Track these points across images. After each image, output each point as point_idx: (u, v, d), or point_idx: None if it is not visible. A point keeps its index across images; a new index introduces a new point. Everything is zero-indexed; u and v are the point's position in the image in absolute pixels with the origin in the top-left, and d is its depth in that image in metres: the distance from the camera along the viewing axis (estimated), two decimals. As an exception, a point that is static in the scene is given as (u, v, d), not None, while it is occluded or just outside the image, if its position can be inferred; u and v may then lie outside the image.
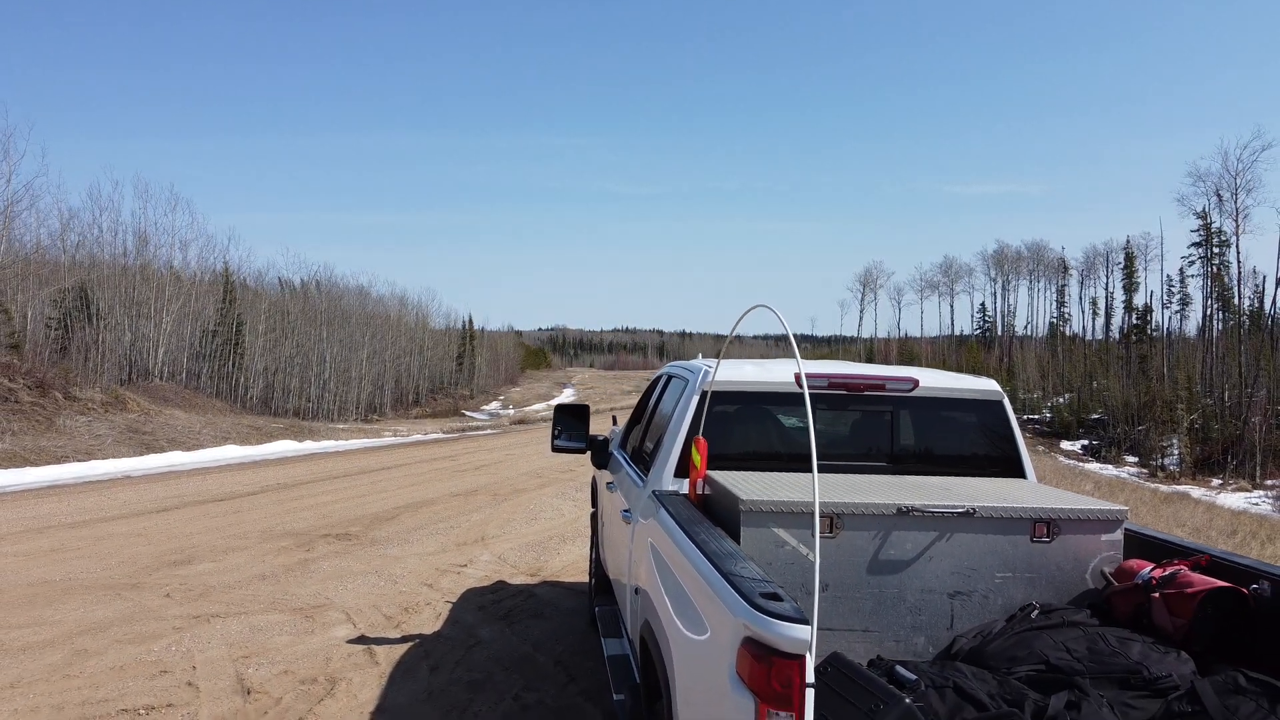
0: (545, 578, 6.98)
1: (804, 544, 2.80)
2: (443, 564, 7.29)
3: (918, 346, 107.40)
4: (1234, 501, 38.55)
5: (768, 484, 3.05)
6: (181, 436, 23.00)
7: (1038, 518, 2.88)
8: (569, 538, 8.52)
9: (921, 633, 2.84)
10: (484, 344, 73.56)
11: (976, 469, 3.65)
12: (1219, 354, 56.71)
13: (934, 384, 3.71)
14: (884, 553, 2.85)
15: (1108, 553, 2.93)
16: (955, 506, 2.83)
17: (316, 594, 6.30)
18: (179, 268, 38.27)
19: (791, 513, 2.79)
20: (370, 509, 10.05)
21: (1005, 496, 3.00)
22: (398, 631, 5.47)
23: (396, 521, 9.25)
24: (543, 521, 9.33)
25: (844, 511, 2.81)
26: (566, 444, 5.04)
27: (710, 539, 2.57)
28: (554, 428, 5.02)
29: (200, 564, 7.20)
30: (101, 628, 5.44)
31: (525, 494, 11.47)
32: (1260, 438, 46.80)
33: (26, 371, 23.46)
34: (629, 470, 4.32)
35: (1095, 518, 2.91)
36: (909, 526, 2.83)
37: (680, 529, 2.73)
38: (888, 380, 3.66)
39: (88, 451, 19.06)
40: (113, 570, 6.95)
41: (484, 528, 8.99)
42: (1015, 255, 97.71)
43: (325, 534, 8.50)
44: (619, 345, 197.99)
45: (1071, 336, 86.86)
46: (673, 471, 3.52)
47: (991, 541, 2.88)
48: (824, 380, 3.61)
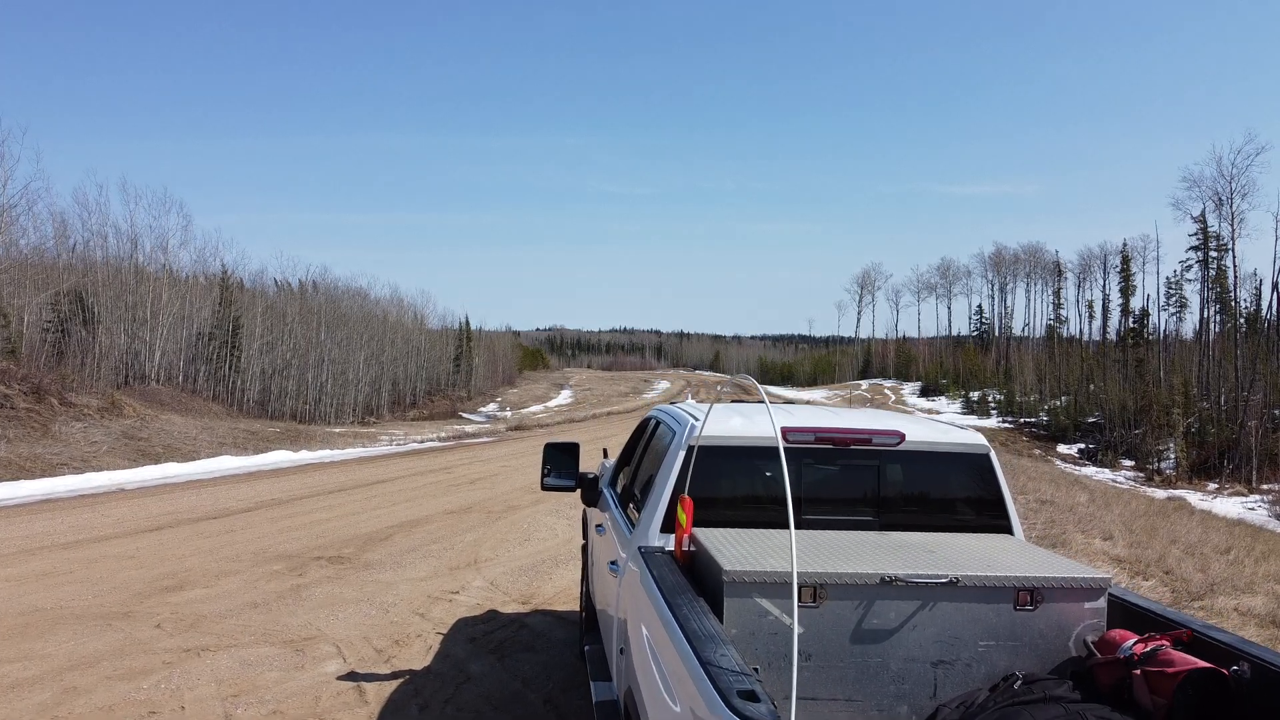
0: (537, 605, 6.98)
1: (787, 614, 2.81)
2: (435, 590, 7.29)
3: (915, 348, 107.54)
4: (1230, 507, 38.59)
5: (753, 547, 3.05)
6: (178, 443, 22.99)
7: (1021, 586, 2.89)
8: (561, 560, 8.52)
9: (905, 701, 2.84)
10: (481, 345, 73.53)
11: (964, 523, 3.66)
12: (1215, 357, 56.82)
13: (920, 437, 3.72)
14: (867, 622, 2.85)
15: (1091, 620, 2.93)
16: (939, 576, 2.84)
17: (307, 624, 6.30)
18: (175, 270, 38.29)
19: (774, 583, 2.79)
20: (364, 528, 10.04)
21: (990, 562, 3.01)
22: (388, 666, 5.47)
23: (390, 543, 9.25)
24: (535, 543, 9.33)
25: (827, 581, 2.82)
26: (556, 482, 5.08)
27: (693, 615, 2.57)
28: (544, 465, 5.06)
29: (192, 590, 7.20)
30: (91, 662, 5.43)
31: (519, 511, 11.47)
32: (1256, 442, 46.88)
33: (22, 377, 23.40)
34: (617, 514, 4.33)
35: (1079, 586, 2.92)
36: (893, 595, 2.84)
37: (664, 600, 2.74)
38: (874, 434, 3.66)
39: (83, 459, 19.02)
40: (104, 597, 6.95)
41: (477, 549, 8.99)
42: (1012, 257, 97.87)
43: (318, 556, 8.49)
44: (616, 346, 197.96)
45: (1069, 338, 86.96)
46: (659, 527, 3.52)
47: (975, 610, 2.88)
48: (810, 435, 3.62)
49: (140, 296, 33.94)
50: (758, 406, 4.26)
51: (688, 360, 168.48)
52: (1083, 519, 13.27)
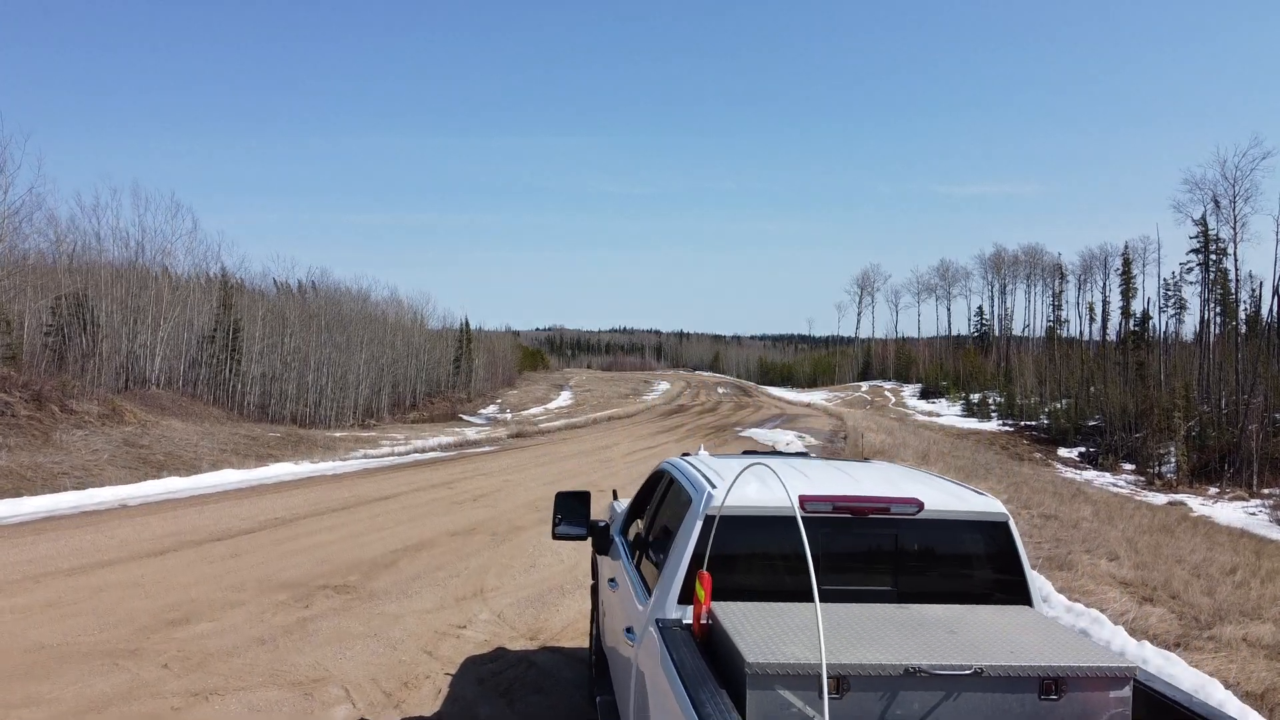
0: (545, 641, 6.96)
1: (811, 705, 2.79)
2: (442, 625, 7.27)
3: (915, 349, 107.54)
4: (1231, 512, 38.62)
5: (773, 627, 3.03)
6: (179, 450, 22.99)
7: (1046, 675, 2.86)
8: (567, 589, 8.50)
9: None
10: (481, 346, 73.51)
11: (983, 595, 3.64)
12: (1216, 360, 56.83)
13: (938, 505, 3.70)
14: (891, 713, 2.83)
15: (1117, 709, 2.91)
16: (963, 667, 2.81)
17: (315, 664, 6.28)
18: (177, 273, 38.25)
19: (799, 675, 2.77)
20: (368, 551, 10.02)
21: (1014, 648, 2.98)
22: (398, 712, 5.45)
23: (395, 569, 9.23)
24: (541, 569, 9.31)
25: (852, 673, 2.80)
26: (569, 530, 5.14)
27: (715, 712, 2.55)
28: (555, 514, 5.14)
29: (198, 624, 7.17)
30: (99, 707, 5.41)
31: (524, 532, 11.44)
32: (1257, 446, 46.90)
33: (23, 384, 23.36)
34: (630, 573, 4.31)
35: (1104, 675, 2.89)
36: (917, 686, 2.82)
37: (686, 693, 2.71)
38: (892, 503, 3.64)
39: (85, 467, 19.01)
40: (110, 631, 6.92)
41: (483, 577, 8.97)
42: (1012, 259, 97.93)
43: (323, 585, 8.47)
44: (616, 346, 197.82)
45: (1069, 340, 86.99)
46: (676, 599, 3.51)
47: (999, 699, 2.86)
48: (828, 505, 3.60)
49: (143, 300, 33.90)
50: (777, 465, 4.25)
51: (687, 360, 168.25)
52: (1087, 536, 13.26)
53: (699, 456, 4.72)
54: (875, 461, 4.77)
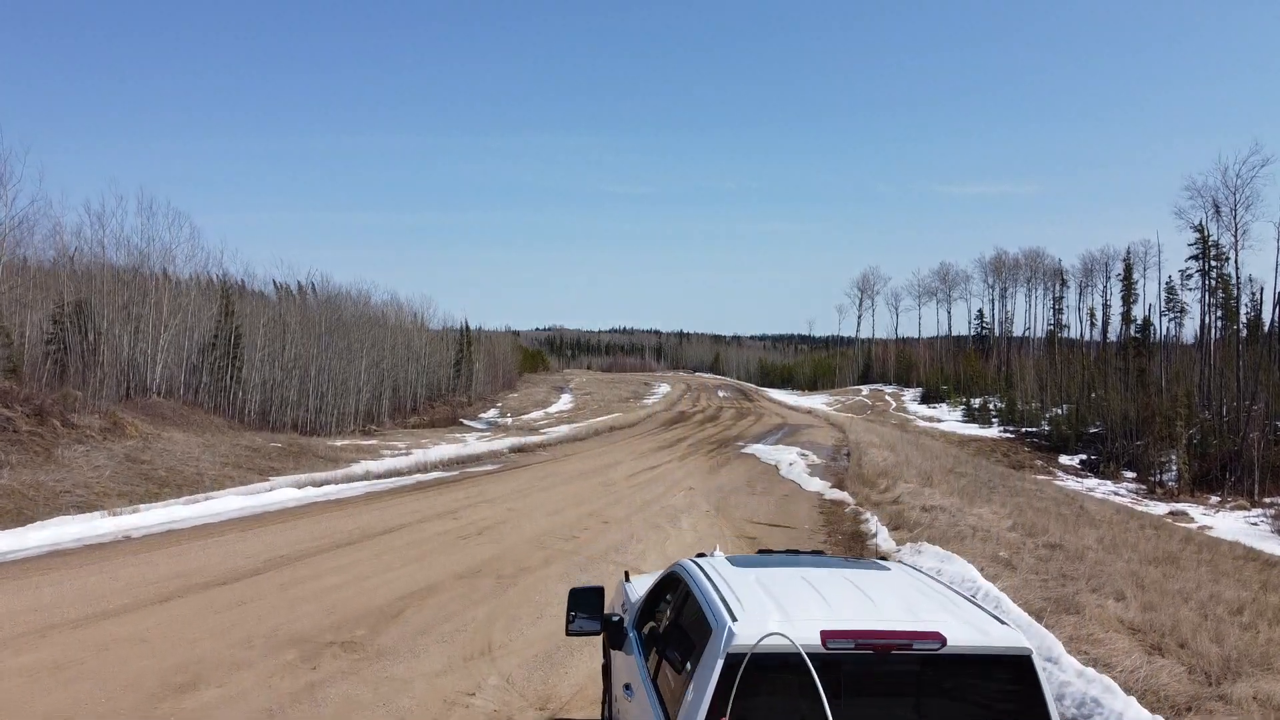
0: (555, 712, 6.94)
1: None
2: (450, 692, 7.24)
3: (915, 351, 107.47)
4: (1232, 523, 38.64)
5: None
6: (180, 464, 22.96)
7: None
8: (575, 645, 8.48)
9: None
10: (481, 348, 73.51)
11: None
12: (1216, 366, 56.83)
13: (961, 641, 3.67)
14: None
15: None
16: None
17: (325, 742, 6.25)
18: (178, 281, 38.19)
19: None
20: (376, 599, 9.99)
21: None
22: (408, 802, 5.42)
23: (401, 620, 9.20)
24: (549, 621, 9.28)
25: None
26: (583, 626, 5.16)
27: None
28: (569, 611, 5.17)
29: (206, 690, 7.14)
30: (109, 796, 5.38)
31: (530, 574, 11.42)
32: (1259, 454, 46.91)
33: (25, 398, 23.31)
34: (646, 688, 4.28)
35: None
36: None
37: None
38: (915, 638, 3.62)
39: (86, 484, 18.99)
40: (117, 698, 6.89)
41: (490, 630, 8.95)
42: (1012, 262, 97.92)
43: (331, 641, 8.44)
44: (616, 346, 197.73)
45: (1070, 343, 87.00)
46: (698, 742, 3.47)
47: None
48: (851, 641, 3.57)
49: (144, 308, 33.86)
50: (793, 583, 4.25)
51: (687, 361, 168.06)
52: (1093, 571, 13.23)
53: (715, 561, 4.69)
54: (893, 567, 4.73)
